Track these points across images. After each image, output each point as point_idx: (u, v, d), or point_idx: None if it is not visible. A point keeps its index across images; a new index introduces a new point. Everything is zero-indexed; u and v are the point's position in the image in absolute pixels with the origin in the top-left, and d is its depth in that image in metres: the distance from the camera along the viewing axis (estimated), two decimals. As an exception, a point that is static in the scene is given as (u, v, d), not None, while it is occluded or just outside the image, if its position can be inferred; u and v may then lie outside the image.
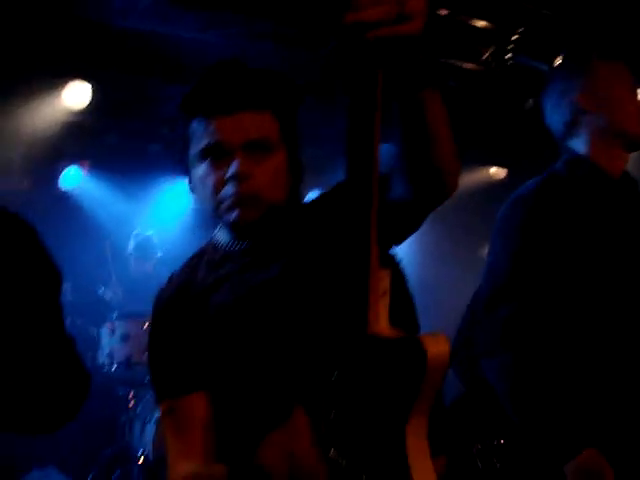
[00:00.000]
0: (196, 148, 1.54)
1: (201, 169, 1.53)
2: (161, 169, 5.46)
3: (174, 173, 4.99)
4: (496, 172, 6.34)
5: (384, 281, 1.27)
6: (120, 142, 5.37)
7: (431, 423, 1.27)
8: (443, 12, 3.78)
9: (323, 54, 4.06)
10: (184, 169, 1.61)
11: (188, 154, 1.57)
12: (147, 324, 3.93)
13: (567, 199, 2.08)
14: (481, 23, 4.00)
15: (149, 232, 5.32)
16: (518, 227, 2.08)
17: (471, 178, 6.08)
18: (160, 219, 5.82)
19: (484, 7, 3.95)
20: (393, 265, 1.57)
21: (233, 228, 1.56)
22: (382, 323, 1.25)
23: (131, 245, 5.25)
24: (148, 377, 1.71)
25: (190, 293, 1.60)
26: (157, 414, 3.90)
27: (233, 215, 1.52)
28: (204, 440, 1.53)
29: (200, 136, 1.53)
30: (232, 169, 1.50)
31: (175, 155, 1.65)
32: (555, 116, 2.22)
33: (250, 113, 1.51)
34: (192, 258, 1.68)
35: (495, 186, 6.13)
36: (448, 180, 1.38)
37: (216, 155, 1.51)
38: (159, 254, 5.25)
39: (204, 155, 1.52)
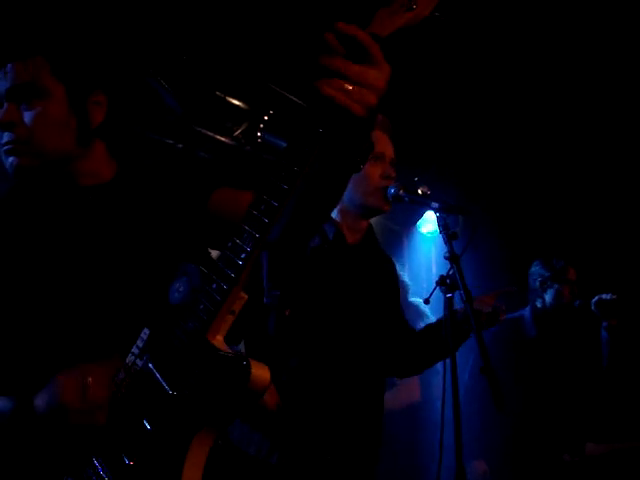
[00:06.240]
0: None
1: None
2: None
3: None
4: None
5: (238, 303, 1.34)
6: None
7: None
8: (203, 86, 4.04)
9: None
10: None
11: None
12: None
13: None
14: (236, 102, 4.28)
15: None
16: None
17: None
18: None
19: (240, 88, 4.23)
20: None
21: (13, 176, 1.57)
22: (219, 337, 1.32)
23: None
24: None
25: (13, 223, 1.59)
26: None
27: (7, 163, 1.55)
28: None
29: None
30: None
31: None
32: None
33: (18, 63, 1.54)
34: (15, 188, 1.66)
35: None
36: None
37: None
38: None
39: None
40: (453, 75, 4.36)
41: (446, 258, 2.36)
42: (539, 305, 4.06)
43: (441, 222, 2.42)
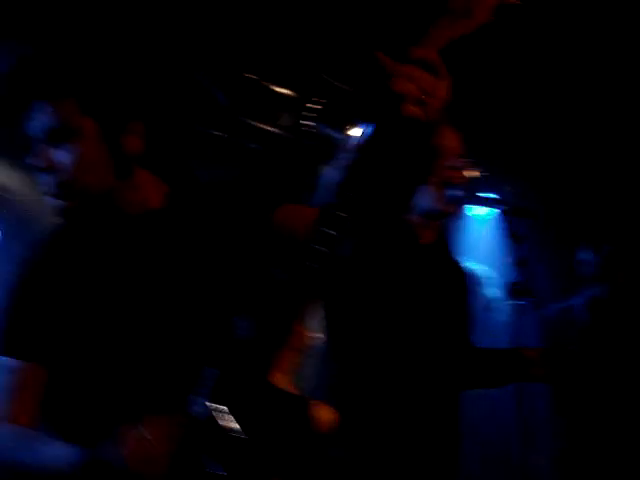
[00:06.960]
0: None
1: None
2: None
3: None
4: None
5: (300, 339, 1.27)
6: None
7: None
8: (250, 76, 3.97)
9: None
10: None
11: None
12: None
13: None
14: (284, 90, 4.20)
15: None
16: None
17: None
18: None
19: (288, 76, 4.15)
20: None
21: (60, 217, 1.59)
22: (284, 376, 1.25)
23: None
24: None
25: (72, 270, 1.59)
26: None
27: (52, 206, 1.57)
28: (32, 410, 1.53)
29: None
30: (34, 162, 1.56)
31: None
32: None
33: (49, 105, 1.55)
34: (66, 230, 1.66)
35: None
36: None
37: (33, 150, 1.58)
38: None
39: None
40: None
41: (515, 263, 2.29)
42: (592, 294, 3.94)
43: (508, 225, 2.34)
